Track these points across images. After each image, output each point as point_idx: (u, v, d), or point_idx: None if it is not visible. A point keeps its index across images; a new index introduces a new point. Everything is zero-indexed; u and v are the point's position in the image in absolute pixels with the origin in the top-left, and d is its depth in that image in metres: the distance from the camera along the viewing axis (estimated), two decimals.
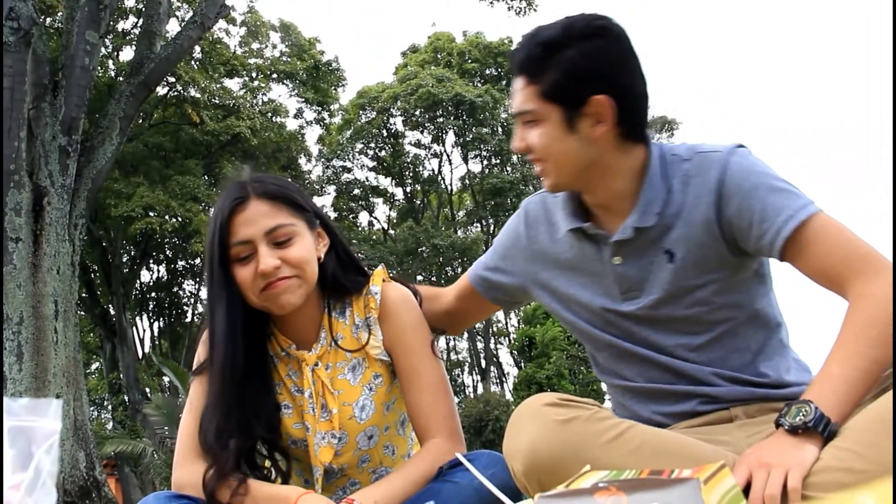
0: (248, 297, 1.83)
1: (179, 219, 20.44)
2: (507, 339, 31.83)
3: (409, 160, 28.84)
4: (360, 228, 30.92)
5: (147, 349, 25.95)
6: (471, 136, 27.31)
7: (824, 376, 1.56)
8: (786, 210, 1.67)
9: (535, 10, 17.00)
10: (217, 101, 22.75)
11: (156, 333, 26.90)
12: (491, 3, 17.29)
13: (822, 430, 1.46)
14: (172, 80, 20.56)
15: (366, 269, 2.03)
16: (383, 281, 1.99)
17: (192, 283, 27.01)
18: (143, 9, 14.32)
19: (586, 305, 1.92)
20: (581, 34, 1.74)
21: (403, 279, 2.08)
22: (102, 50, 15.18)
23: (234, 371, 1.84)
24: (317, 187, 28.39)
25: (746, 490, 1.42)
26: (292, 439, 1.94)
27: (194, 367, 1.96)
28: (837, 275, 1.65)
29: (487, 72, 29.26)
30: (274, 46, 26.13)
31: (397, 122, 28.20)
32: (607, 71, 1.73)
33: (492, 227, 28.37)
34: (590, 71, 1.72)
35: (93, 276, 21.92)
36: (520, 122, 1.82)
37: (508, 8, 17.19)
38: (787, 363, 1.85)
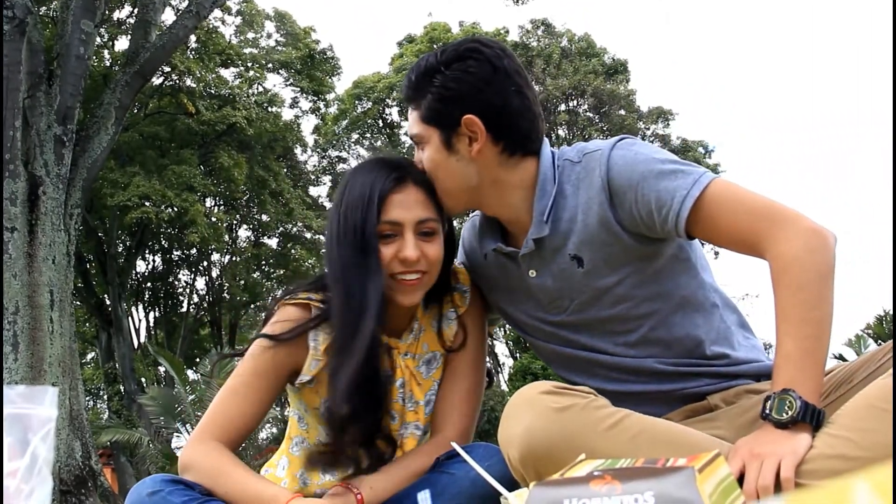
0: None
1: (175, 209, 20.38)
2: (502, 329, 31.86)
3: (404, 150, 28.77)
4: None
5: (143, 339, 25.93)
6: None
7: (785, 357, 1.56)
8: (679, 191, 1.68)
9: None
10: (213, 91, 22.67)
11: (151, 324, 26.87)
12: None
13: (810, 420, 1.48)
14: (168, 69, 20.49)
15: None
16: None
17: (188, 273, 26.98)
18: None
19: (524, 320, 1.98)
20: (451, 58, 1.81)
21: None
22: (98, 39, 15.09)
23: (376, 347, 1.79)
24: (312, 177, 28.34)
25: (740, 482, 1.43)
26: None
27: (267, 333, 1.86)
28: (749, 240, 1.66)
29: None
30: (269, 36, 26.07)
31: (393, 113, 28.14)
32: (475, 91, 1.78)
33: None
34: (458, 92, 1.78)
35: (88, 265, 21.85)
36: (416, 147, 1.90)
37: None
38: (733, 341, 1.87)
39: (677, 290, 1.83)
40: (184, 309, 26.68)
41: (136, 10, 16.54)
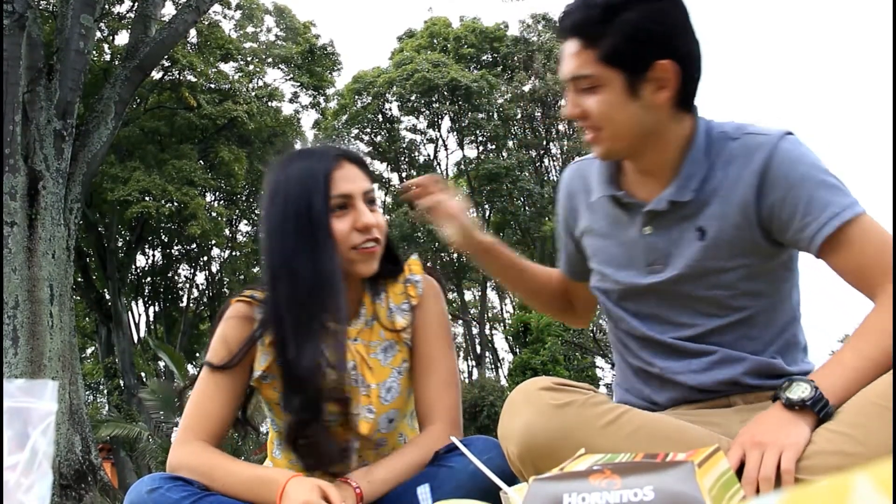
0: (340, 250, 1.84)
1: (175, 203, 20.38)
2: (502, 324, 31.84)
3: (404, 145, 28.70)
4: None
5: (143, 334, 25.95)
6: (466, 121, 27.21)
7: (836, 361, 1.56)
8: (831, 207, 1.63)
9: None
10: (213, 86, 22.65)
11: (151, 318, 26.88)
12: None
13: (817, 411, 1.47)
14: (168, 64, 20.47)
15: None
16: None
17: (188, 268, 26.99)
18: None
19: (609, 274, 1.90)
20: None
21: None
22: (97, 34, 15.10)
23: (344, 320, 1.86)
24: None
25: (740, 470, 1.43)
26: None
27: (212, 363, 1.92)
28: (871, 277, 1.62)
29: (483, 57, 29.15)
30: (269, 30, 26.03)
31: (393, 108, 28.06)
32: (671, 35, 1.67)
33: (487, 213, 28.34)
34: (654, 34, 1.65)
35: (88, 260, 21.84)
36: (573, 88, 1.74)
37: None
38: (790, 357, 1.82)
39: (773, 294, 1.79)
40: (184, 304, 26.69)
41: (135, 5, 16.51)
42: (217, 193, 24.65)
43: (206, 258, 26.65)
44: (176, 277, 27.10)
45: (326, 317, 1.82)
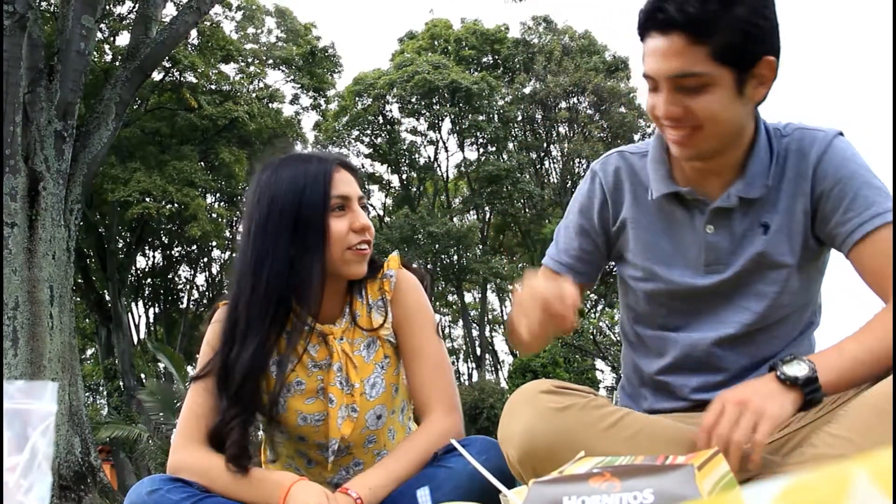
0: (335, 250, 1.87)
1: (176, 204, 20.40)
2: (502, 326, 31.82)
3: (405, 147, 28.72)
4: None
5: (143, 335, 25.95)
6: (467, 123, 27.23)
7: (838, 348, 1.56)
8: (875, 207, 1.64)
9: None
10: (214, 87, 22.67)
11: (151, 319, 26.90)
12: None
13: (807, 392, 1.48)
14: (169, 64, 20.48)
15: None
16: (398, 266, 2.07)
17: (188, 269, 27.00)
18: None
19: (661, 276, 1.83)
20: None
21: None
22: (98, 34, 15.09)
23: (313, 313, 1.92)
24: None
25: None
26: (302, 415, 1.94)
27: (195, 375, 1.96)
28: (889, 282, 1.62)
29: (484, 59, 29.22)
30: (269, 32, 26.06)
31: (393, 109, 28.10)
32: (774, 30, 1.63)
33: (487, 215, 28.36)
34: (762, 29, 1.59)
35: (88, 261, 21.85)
36: (672, 86, 1.61)
37: None
38: None
39: (807, 296, 1.80)
40: (184, 305, 26.71)
41: (136, 6, 16.53)
42: (218, 195, 24.65)
43: (206, 259, 26.67)
44: (176, 279, 27.13)
45: (285, 318, 1.89)
